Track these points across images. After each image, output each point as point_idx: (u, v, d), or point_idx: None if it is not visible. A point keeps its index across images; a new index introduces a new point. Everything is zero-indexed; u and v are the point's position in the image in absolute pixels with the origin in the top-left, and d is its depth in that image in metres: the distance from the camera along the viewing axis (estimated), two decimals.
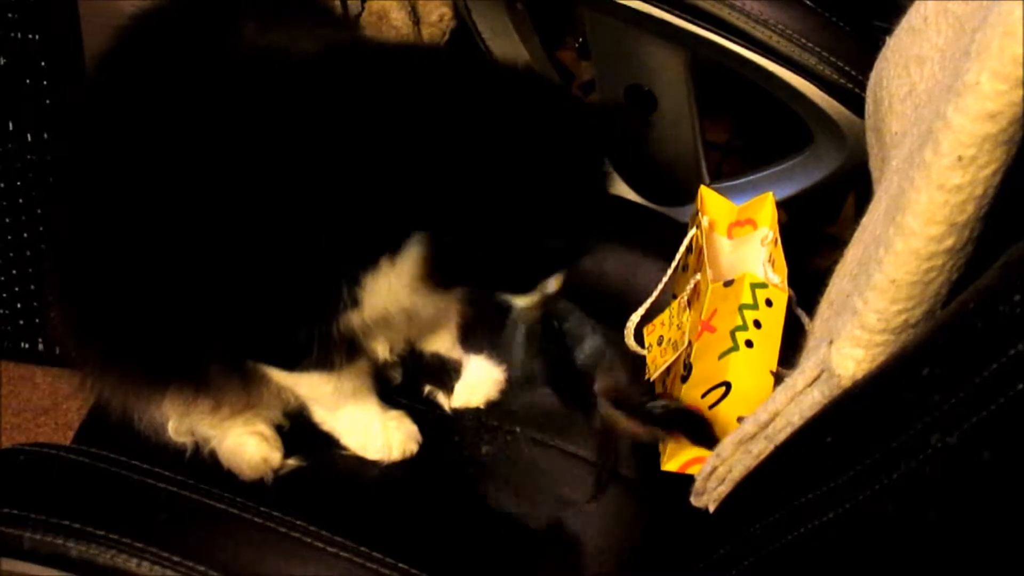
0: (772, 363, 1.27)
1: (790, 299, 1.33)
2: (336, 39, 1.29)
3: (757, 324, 1.28)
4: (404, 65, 1.19)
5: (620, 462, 1.36)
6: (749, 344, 1.27)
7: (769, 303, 1.30)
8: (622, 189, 1.91)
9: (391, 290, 1.17)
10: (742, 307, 1.29)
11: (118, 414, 1.32)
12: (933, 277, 0.82)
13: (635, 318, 1.43)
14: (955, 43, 1.03)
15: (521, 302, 1.25)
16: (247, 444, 1.32)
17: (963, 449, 0.71)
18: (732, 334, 1.27)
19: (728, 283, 1.32)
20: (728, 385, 1.25)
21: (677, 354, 1.32)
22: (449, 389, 1.42)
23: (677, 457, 1.25)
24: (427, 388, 1.43)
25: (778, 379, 1.25)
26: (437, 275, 1.18)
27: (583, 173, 1.18)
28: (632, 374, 1.36)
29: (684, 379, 1.29)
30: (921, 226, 0.79)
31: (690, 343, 1.30)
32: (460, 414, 1.41)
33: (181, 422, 1.32)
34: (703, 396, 1.26)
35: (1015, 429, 0.69)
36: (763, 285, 1.31)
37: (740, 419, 1.21)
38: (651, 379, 1.37)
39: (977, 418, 0.70)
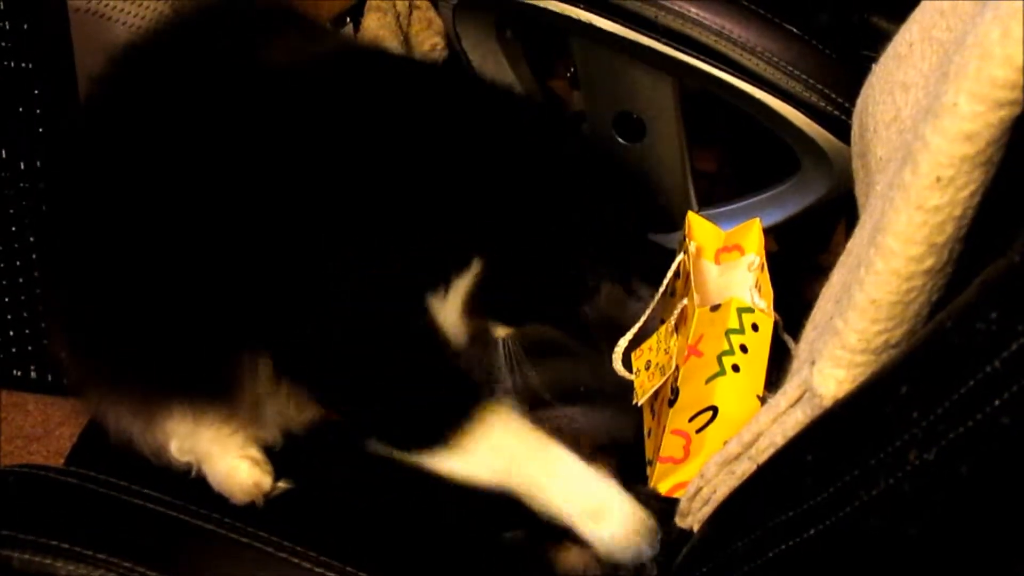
0: (759, 387, 1.27)
1: (776, 324, 1.34)
2: (363, 55, 1.32)
3: (743, 349, 1.28)
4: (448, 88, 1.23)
5: None
6: (736, 368, 1.27)
7: (755, 328, 1.30)
8: None
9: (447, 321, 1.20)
10: (728, 332, 1.29)
11: (116, 435, 1.32)
12: (913, 297, 0.83)
13: (623, 343, 1.44)
14: (938, 69, 1.04)
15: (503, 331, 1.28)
16: (239, 468, 1.32)
17: (941, 465, 0.72)
18: (719, 359, 1.27)
19: (715, 308, 1.32)
20: (715, 409, 1.25)
21: (664, 378, 1.32)
22: None
23: (666, 480, 1.26)
24: None
25: (764, 403, 1.26)
26: (479, 305, 1.20)
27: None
28: None
29: (671, 403, 1.29)
30: (901, 246, 0.80)
31: (677, 367, 1.30)
32: None
33: (184, 440, 1.32)
34: (690, 420, 1.26)
35: (992, 445, 0.69)
36: (749, 310, 1.31)
37: (727, 443, 1.22)
38: (639, 404, 1.37)
39: (955, 434, 0.70)
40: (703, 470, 1.08)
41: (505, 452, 1.24)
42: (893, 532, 0.78)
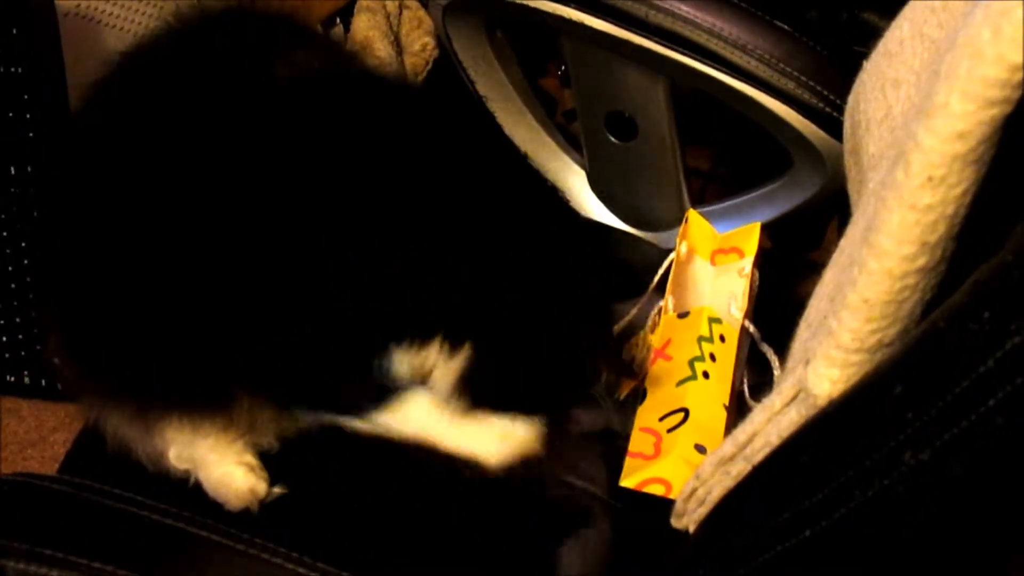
0: (725, 397, 1.30)
1: (753, 336, 1.36)
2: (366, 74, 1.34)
3: (712, 357, 1.31)
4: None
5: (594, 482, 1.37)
6: (706, 375, 1.30)
7: (723, 339, 1.33)
8: (603, 215, 1.91)
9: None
10: (700, 339, 1.32)
11: (114, 441, 1.32)
12: (906, 296, 0.82)
13: (612, 335, 1.46)
14: (930, 66, 1.04)
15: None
16: (235, 475, 1.32)
17: (935, 465, 0.72)
18: (691, 364, 1.30)
19: (683, 315, 1.35)
20: (686, 411, 1.27)
21: (641, 375, 1.35)
22: None
23: (635, 474, 1.27)
24: None
25: (740, 409, 1.30)
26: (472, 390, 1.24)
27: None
28: None
29: (640, 401, 1.32)
30: (893, 246, 0.80)
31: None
32: None
33: (183, 448, 1.32)
34: (660, 420, 1.28)
35: (986, 445, 0.69)
36: (719, 320, 1.34)
37: (697, 446, 1.23)
38: (620, 397, 1.39)
39: (949, 435, 0.70)
40: (698, 471, 1.08)
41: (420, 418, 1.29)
42: (888, 533, 0.78)
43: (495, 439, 1.29)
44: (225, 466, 1.31)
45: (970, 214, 0.79)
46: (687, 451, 1.24)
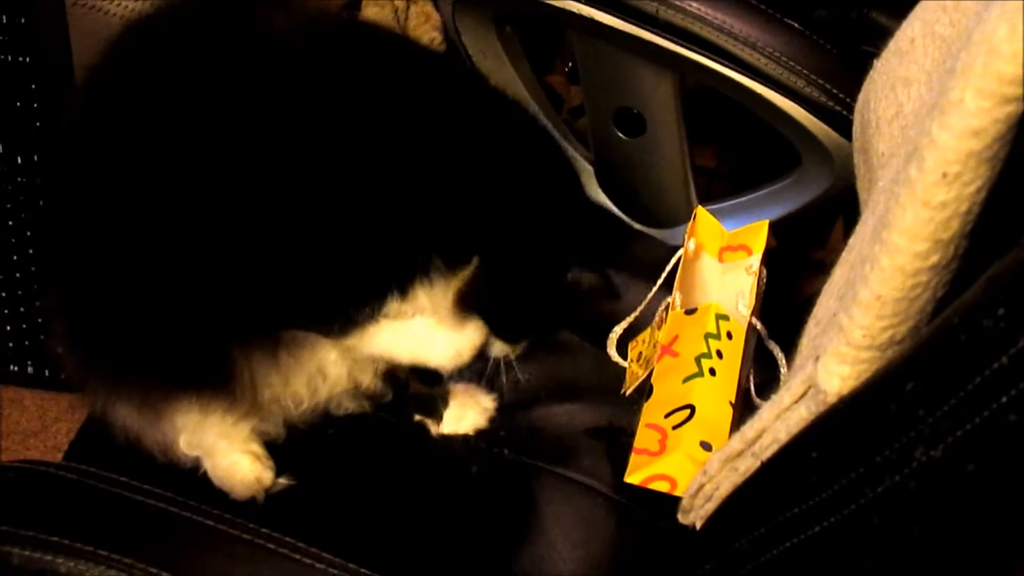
0: (731, 394, 1.30)
1: (759, 331, 1.36)
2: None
3: (719, 354, 1.31)
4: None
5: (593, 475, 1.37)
6: (712, 372, 1.30)
7: (730, 336, 1.33)
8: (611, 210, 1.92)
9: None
10: (707, 336, 1.32)
11: (122, 432, 1.31)
12: (919, 293, 0.82)
13: (618, 330, 1.47)
14: (941, 65, 1.04)
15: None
16: (241, 463, 1.32)
17: (947, 462, 0.72)
18: (697, 360, 1.30)
19: (690, 311, 1.35)
20: (692, 408, 1.27)
21: (648, 371, 1.35)
22: (438, 416, 1.42)
23: (640, 471, 1.27)
24: (416, 417, 1.43)
25: (747, 407, 1.30)
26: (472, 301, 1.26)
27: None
28: None
29: (647, 397, 1.32)
30: (906, 243, 0.80)
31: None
32: (449, 437, 1.41)
33: (192, 434, 1.32)
34: (666, 416, 1.28)
35: (999, 442, 0.69)
36: (726, 317, 1.34)
37: (703, 443, 1.23)
38: (626, 393, 1.39)
39: (962, 431, 0.70)
40: (706, 467, 1.08)
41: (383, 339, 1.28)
42: (898, 530, 0.78)
43: (447, 348, 1.31)
44: (232, 455, 1.31)
45: (983, 211, 0.78)
46: (693, 448, 1.24)
